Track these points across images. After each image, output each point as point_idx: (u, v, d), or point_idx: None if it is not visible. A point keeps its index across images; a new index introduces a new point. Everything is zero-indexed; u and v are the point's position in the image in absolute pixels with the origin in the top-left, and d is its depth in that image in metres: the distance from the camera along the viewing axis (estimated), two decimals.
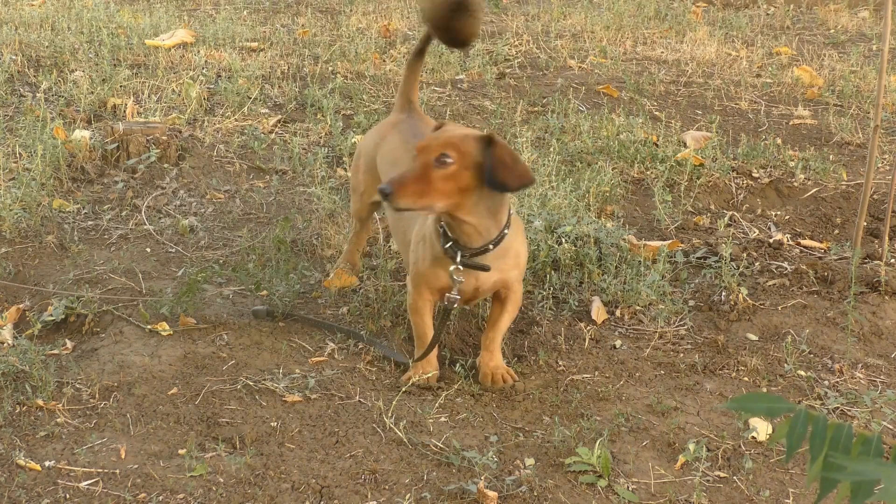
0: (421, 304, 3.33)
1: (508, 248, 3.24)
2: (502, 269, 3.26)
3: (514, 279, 3.30)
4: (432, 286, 3.29)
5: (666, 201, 4.63)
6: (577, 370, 3.49)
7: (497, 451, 3.04)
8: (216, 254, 4.17)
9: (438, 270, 3.26)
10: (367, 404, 3.22)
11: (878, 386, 3.56)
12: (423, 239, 3.30)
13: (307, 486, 2.85)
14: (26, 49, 6.23)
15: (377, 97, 5.85)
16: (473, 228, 3.16)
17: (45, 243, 4.14)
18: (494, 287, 3.30)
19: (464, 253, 3.20)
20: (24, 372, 3.27)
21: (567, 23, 7.86)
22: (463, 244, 3.20)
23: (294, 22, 7.56)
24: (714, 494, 2.97)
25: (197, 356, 3.40)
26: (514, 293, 3.33)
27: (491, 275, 3.25)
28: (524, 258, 3.34)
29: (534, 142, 5.25)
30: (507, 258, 3.25)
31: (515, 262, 3.28)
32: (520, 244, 3.29)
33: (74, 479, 2.85)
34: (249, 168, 4.93)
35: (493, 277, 3.26)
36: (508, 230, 3.21)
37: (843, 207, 4.88)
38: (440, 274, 3.26)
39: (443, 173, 3.06)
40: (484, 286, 3.28)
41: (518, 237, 3.28)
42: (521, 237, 3.32)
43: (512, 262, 3.27)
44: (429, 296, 3.32)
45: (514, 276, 3.30)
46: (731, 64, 6.94)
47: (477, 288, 3.27)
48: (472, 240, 3.18)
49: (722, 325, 3.81)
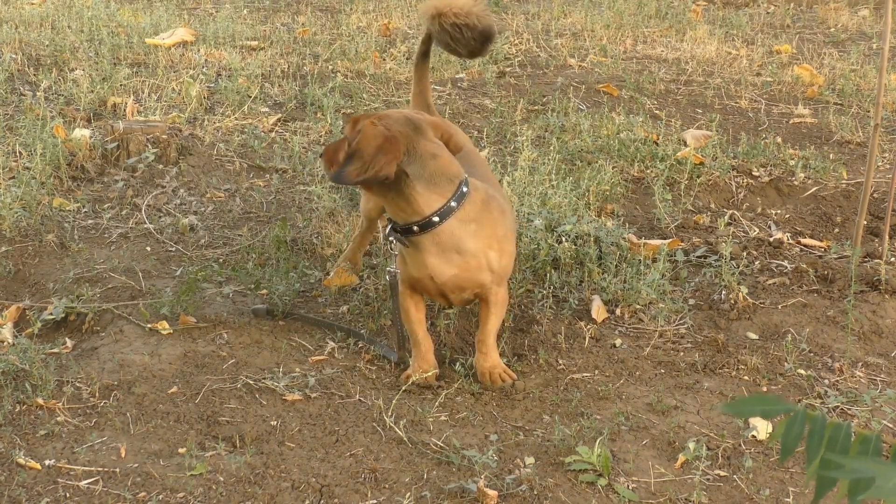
0: (404, 301, 3.39)
1: (459, 244, 3.24)
2: (461, 265, 3.25)
3: (488, 282, 3.30)
4: (406, 278, 3.34)
5: (666, 200, 4.63)
6: (577, 369, 3.49)
7: (497, 450, 3.04)
8: (216, 253, 4.17)
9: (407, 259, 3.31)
10: (367, 403, 3.22)
11: (878, 385, 3.56)
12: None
13: (307, 485, 2.85)
14: (26, 48, 6.23)
15: (377, 96, 5.85)
16: (386, 206, 3.32)
17: (45, 242, 4.14)
18: (461, 285, 3.29)
19: (394, 226, 3.28)
20: (24, 371, 3.27)
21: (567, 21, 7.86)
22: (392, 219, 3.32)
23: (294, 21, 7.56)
24: (714, 493, 2.97)
25: (197, 355, 3.40)
26: (494, 295, 3.34)
27: (446, 268, 3.26)
28: (499, 264, 3.31)
29: (534, 140, 5.25)
30: (463, 256, 3.25)
31: (483, 265, 3.27)
32: (487, 248, 3.28)
33: (74, 478, 2.85)
34: (249, 167, 4.93)
35: (448, 271, 3.26)
36: (443, 220, 3.20)
37: (843, 206, 4.88)
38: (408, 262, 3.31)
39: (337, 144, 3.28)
40: (440, 278, 3.27)
41: (478, 240, 3.26)
42: (497, 243, 3.30)
43: (476, 264, 3.26)
44: (411, 292, 3.37)
45: (488, 279, 3.30)
46: (732, 63, 6.94)
47: (431, 278, 3.28)
48: (392, 216, 3.30)
49: (722, 324, 3.81)
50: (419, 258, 3.27)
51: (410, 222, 3.23)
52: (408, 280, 3.35)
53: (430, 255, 3.25)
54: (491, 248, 3.28)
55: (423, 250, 3.25)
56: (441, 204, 3.20)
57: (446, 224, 3.21)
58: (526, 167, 4.67)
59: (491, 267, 3.29)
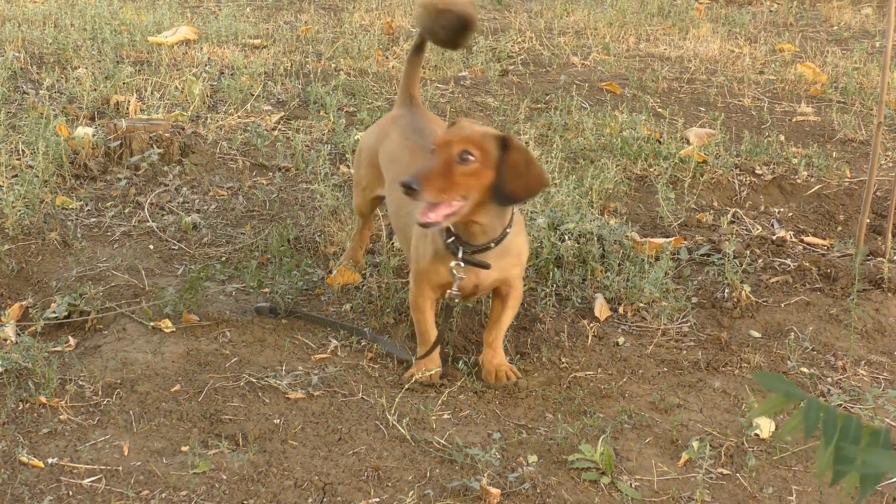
0: (422, 301, 3.33)
1: (510, 246, 3.24)
2: (503, 267, 3.25)
3: (514, 276, 3.30)
4: (433, 283, 3.29)
5: (669, 198, 4.63)
6: (579, 367, 3.49)
7: (500, 448, 3.04)
8: (219, 251, 4.18)
9: (439, 266, 3.25)
10: (369, 401, 3.22)
11: (881, 383, 3.55)
12: (425, 235, 3.30)
13: (310, 483, 2.85)
14: (29, 46, 6.24)
15: (380, 94, 5.85)
16: (480, 227, 3.16)
17: (48, 240, 4.14)
18: (495, 284, 3.30)
19: (465, 249, 3.20)
20: (26, 369, 3.27)
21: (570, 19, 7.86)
22: (465, 241, 3.19)
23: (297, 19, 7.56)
24: (717, 492, 2.97)
25: (200, 353, 3.40)
26: (515, 290, 3.33)
27: (491, 272, 3.24)
28: (525, 256, 3.34)
29: (537, 139, 5.25)
30: (508, 257, 3.25)
31: (517, 260, 3.28)
32: (521, 242, 3.29)
33: (77, 477, 2.85)
34: (252, 165, 4.93)
35: (493, 275, 3.26)
36: (511, 229, 3.21)
37: (846, 204, 4.88)
38: (441, 270, 3.25)
39: (465, 170, 3.03)
40: (484, 283, 3.27)
41: (520, 235, 3.28)
42: (523, 235, 3.32)
43: (513, 261, 3.27)
44: (430, 293, 3.32)
45: (516, 274, 3.30)
46: (735, 61, 6.94)
47: (477, 285, 3.27)
48: (475, 237, 3.18)
49: (725, 322, 3.81)
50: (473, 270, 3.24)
51: (491, 239, 3.18)
52: (426, 279, 3.31)
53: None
54: (522, 242, 3.31)
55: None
56: (510, 213, 3.20)
57: (511, 232, 3.21)
58: None
59: (521, 261, 3.31)
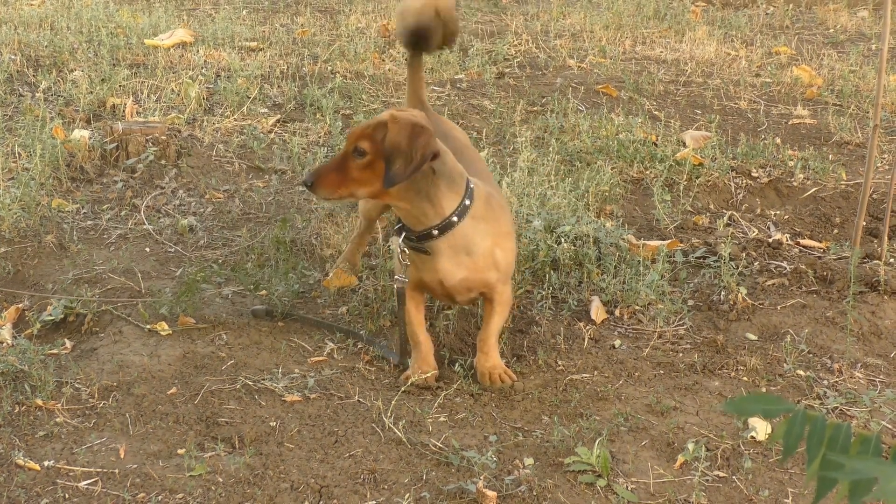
0: (408, 300, 3.35)
1: (470, 245, 3.22)
2: (470, 267, 3.24)
3: (494, 280, 3.29)
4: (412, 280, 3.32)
5: (665, 201, 4.63)
6: (576, 370, 3.49)
7: (496, 451, 3.04)
8: (215, 253, 4.17)
9: (417, 264, 3.28)
10: (366, 404, 3.22)
11: (877, 385, 3.56)
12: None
13: (306, 486, 2.85)
14: (25, 49, 6.23)
15: (376, 97, 5.85)
16: (407, 212, 3.19)
17: (44, 243, 4.14)
18: (469, 286, 3.28)
19: (408, 235, 3.22)
20: (23, 371, 3.27)
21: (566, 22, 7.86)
22: (407, 227, 3.23)
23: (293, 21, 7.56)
24: (713, 494, 2.97)
25: (196, 356, 3.40)
26: (500, 294, 3.33)
27: (456, 271, 3.24)
28: (505, 262, 3.30)
29: (533, 141, 5.25)
30: (473, 256, 3.23)
31: (490, 263, 3.26)
32: (494, 246, 3.26)
33: (73, 479, 2.85)
34: (249, 168, 4.93)
35: (459, 274, 3.25)
36: (461, 219, 3.19)
37: (842, 207, 4.88)
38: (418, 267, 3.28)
39: (359, 163, 3.12)
40: (450, 281, 3.26)
41: (486, 239, 3.25)
42: (501, 241, 3.29)
43: (484, 263, 3.25)
44: (412, 293, 3.35)
45: (494, 278, 3.29)
46: (731, 63, 6.94)
47: (441, 282, 3.26)
48: (410, 223, 3.21)
49: (721, 325, 3.81)
50: (430, 263, 3.24)
51: (430, 226, 3.18)
52: (411, 281, 3.34)
53: (443, 259, 3.22)
54: (497, 246, 3.27)
55: (435, 254, 3.22)
56: (458, 203, 3.19)
57: (462, 224, 3.20)
58: (525, 168, 4.67)
59: (497, 265, 3.28)
